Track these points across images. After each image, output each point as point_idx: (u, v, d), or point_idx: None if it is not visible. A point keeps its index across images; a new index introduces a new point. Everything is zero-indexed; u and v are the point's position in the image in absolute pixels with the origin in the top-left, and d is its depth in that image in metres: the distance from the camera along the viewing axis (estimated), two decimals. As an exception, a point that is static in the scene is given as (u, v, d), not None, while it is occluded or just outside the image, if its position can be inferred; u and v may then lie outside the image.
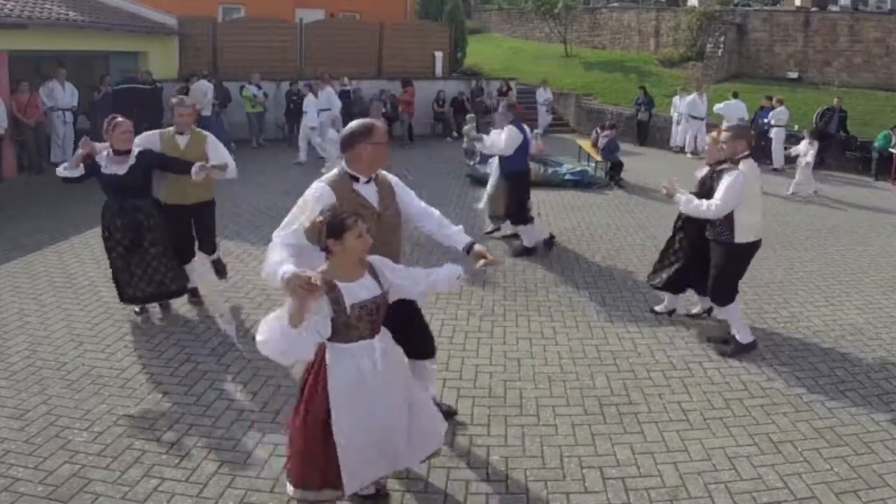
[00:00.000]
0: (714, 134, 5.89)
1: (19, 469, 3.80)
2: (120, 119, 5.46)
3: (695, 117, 15.99)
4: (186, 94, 13.80)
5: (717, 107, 15.20)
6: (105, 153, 5.48)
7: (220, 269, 6.53)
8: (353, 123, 3.68)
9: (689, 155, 15.80)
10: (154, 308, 5.97)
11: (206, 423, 4.33)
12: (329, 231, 3.07)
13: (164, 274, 5.64)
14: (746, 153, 5.44)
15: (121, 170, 5.42)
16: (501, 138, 7.76)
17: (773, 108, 14.95)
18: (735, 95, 15.35)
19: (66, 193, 10.49)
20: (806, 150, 12.12)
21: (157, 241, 5.61)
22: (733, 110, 14.84)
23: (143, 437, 4.15)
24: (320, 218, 3.11)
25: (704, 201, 5.36)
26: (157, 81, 14.17)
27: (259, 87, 15.45)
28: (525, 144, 7.92)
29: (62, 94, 12.40)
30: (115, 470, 3.82)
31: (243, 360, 5.19)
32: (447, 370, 5.09)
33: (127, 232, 5.48)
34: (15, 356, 5.16)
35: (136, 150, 5.50)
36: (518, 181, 7.99)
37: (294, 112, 15.86)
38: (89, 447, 4.03)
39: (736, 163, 5.38)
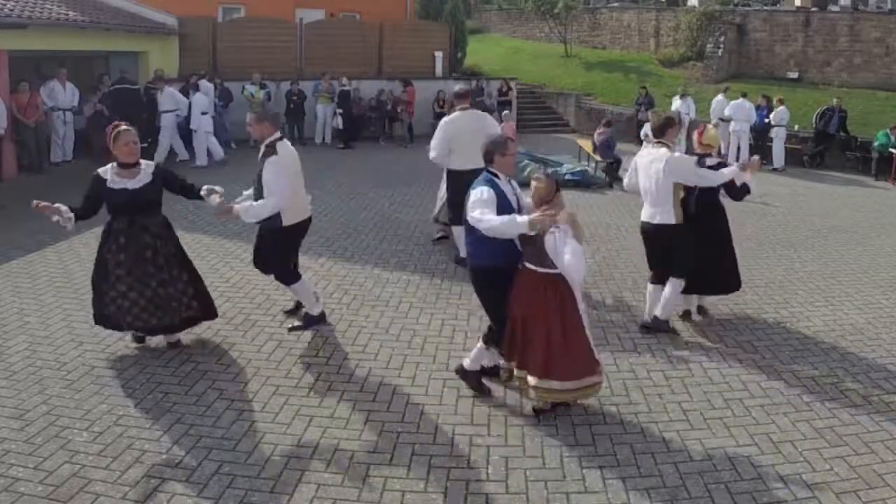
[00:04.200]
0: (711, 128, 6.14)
1: (19, 469, 3.80)
2: (124, 128, 4.96)
3: (723, 119, 15.24)
4: (188, 94, 13.84)
5: (725, 109, 15.09)
6: (109, 167, 4.99)
7: None
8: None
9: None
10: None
11: (207, 423, 4.33)
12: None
13: (178, 301, 5.13)
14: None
15: (132, 184, 4.92)
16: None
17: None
18: (744, 95, 15.27)
19: (66, 193, 10.51)
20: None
21: (166, 265, 5.08)
22: (741, 111, 14.78)
23: (143, 437, 4.15)
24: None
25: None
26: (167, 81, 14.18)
27: (264, 86, 15.47)
28: None
29: (62, 94, 12.39)
30: (115, 470, 3.82)
31: (243, 360, 5.20)
32: (447, 370, 5.09)
33: (130, 253, 4.96)
34: (15, 356, 5.16)
35: (150, 165, 5.08)
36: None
37: (294, 112, 15.91)
38: (89, 447, 4.03)
39: None
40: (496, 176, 4.46)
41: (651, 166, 5.67)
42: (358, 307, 6.31)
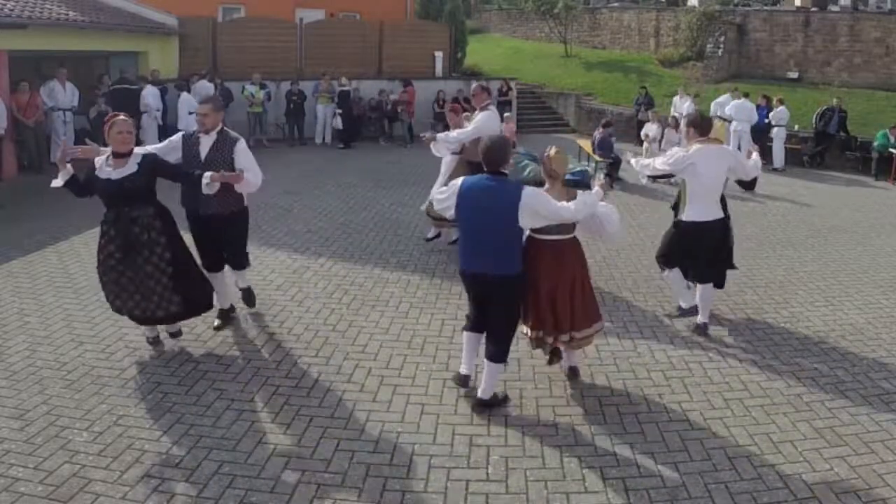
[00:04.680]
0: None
1: (19, 469, 3.80)
2: (120, 117, 4.92)
3: (723, 119, 15.08)
4: (188, 92, 13.87)
5: (726, 107, 15.07)
6: (105, 156, 4.94)
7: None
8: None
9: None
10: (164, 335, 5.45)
11: (206, 423, 4.33)
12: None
13: (159, 296, 4.99)
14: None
15: (116, 174, 4.84)
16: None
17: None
18: (746, 96, 15.26)
19: (66, 193, 10.51)
20: (656, 133, 12.70)
21: (154, 258, 4.94)
22: (743, 111, 14.76)
23: (143, 437, 4.15)
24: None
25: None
26: (161, 82, 14.19)
27: (264, 86, 15.49)
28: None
29: (62, 94, 12.40)
30: (115, 470, 3.82)
31: (243, 360, 5.20)
32: (447, 370, 5.09)
33: (119, 245, 4.88)
34: (15, 356, 5.16)
35: (139, 155, 4.95)
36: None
37: (294, 112, 15.92)
38: (89, 447, 4.03)
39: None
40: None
41: (720, 164, 5.70)
42: (358, 307, 6.31)
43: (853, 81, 19.16)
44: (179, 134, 5.58)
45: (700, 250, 5.79)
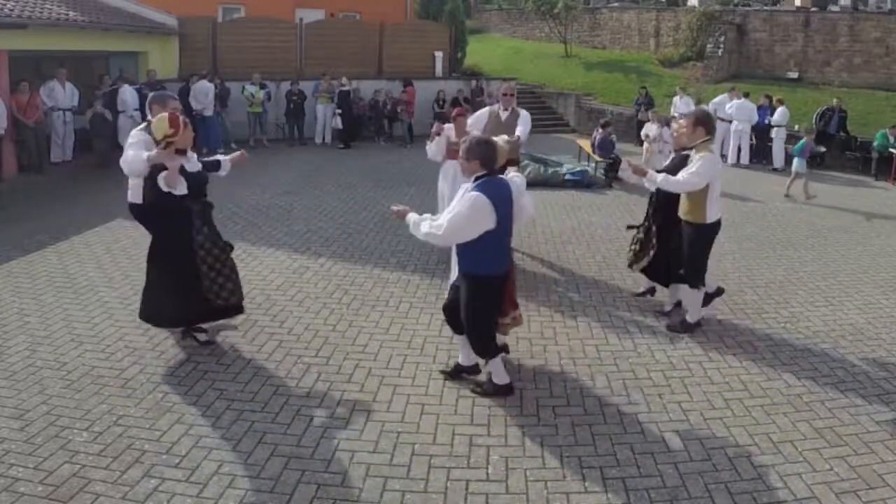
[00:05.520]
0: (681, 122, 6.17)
1: (19, 469, 3.81)
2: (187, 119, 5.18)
3: (722, 119, 15.06)
4: (188, 94, 13.86)
5: (726, 107, 15.09)
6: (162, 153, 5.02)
7: None
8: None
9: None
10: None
11: (206, 423, 4.33)
12: None
13: (231, 287, 5.37)
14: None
15: (195, 167, 5.20)
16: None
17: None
18: (746, 95, 15.27)
19: (66, 193, 10.53)
20: (656, 133, 12.78)
21: (221, 242, 5.40)
22: (743, 111, 14.76)
23: (143, 437, 4.15)
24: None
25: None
26: (158, 82, 14.17)
27: (264, 86, 15.49)
28: None
29: (62, 94, 12.40)
30: (115, 470, 3.82)
31: (243, 360, 5.20)
32: (448, 370, 5.09)
33: (208, 234, 5.21)
34: (15, 356, 5.16)
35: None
36: None
37: (294, 112, 15.92)
38: (89, 447, 4.03)
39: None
40: None
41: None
42: (358, 307, 6.31)
43: (853, 81, 19.16)
44: (142, 130, 5.37)
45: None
